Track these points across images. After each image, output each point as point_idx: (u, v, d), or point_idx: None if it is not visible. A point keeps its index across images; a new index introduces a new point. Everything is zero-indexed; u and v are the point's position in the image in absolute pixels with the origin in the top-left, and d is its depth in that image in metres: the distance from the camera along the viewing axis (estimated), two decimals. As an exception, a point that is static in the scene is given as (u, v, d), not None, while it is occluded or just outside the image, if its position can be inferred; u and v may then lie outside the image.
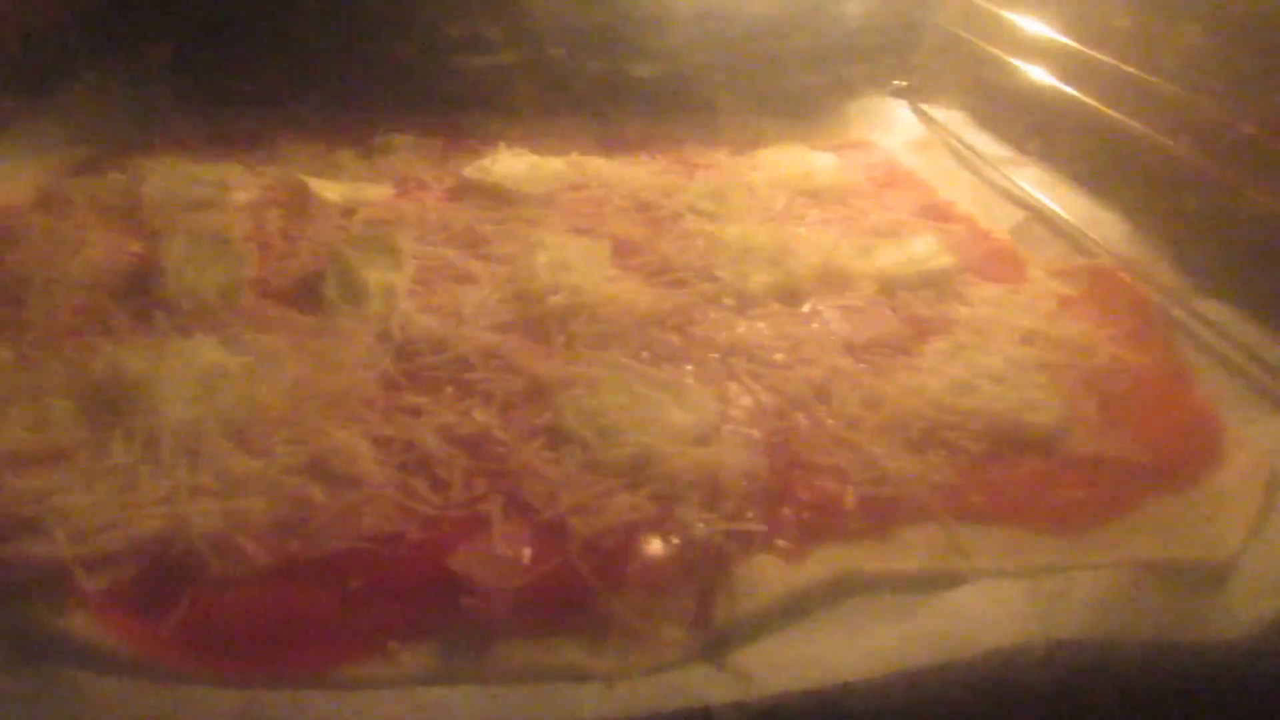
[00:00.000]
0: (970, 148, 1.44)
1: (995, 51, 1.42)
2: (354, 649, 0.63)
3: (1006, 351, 0.98)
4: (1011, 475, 0.83)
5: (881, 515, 0.77)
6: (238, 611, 0.65)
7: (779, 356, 0.96)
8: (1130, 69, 1.13)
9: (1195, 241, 1.09)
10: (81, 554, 0.65)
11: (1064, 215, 1.22)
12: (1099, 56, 1.19)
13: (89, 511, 0.68)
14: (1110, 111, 1.16)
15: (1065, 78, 1.24)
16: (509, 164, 1.30)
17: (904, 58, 1.64)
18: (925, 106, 1.57)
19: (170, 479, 0.73)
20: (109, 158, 1.28)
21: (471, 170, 1.29)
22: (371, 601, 0.66)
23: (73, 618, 0.63)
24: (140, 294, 0.97)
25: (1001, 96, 1.43)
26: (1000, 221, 1.28)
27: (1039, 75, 1.30)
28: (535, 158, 1.33)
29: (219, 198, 1.17)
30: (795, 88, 1.59)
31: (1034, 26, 1.31)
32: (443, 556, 0.69)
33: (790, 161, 1.40)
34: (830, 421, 0.87)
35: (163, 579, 0.66)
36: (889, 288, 1.09)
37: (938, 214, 1.31)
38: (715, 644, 0.66)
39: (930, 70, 1.62)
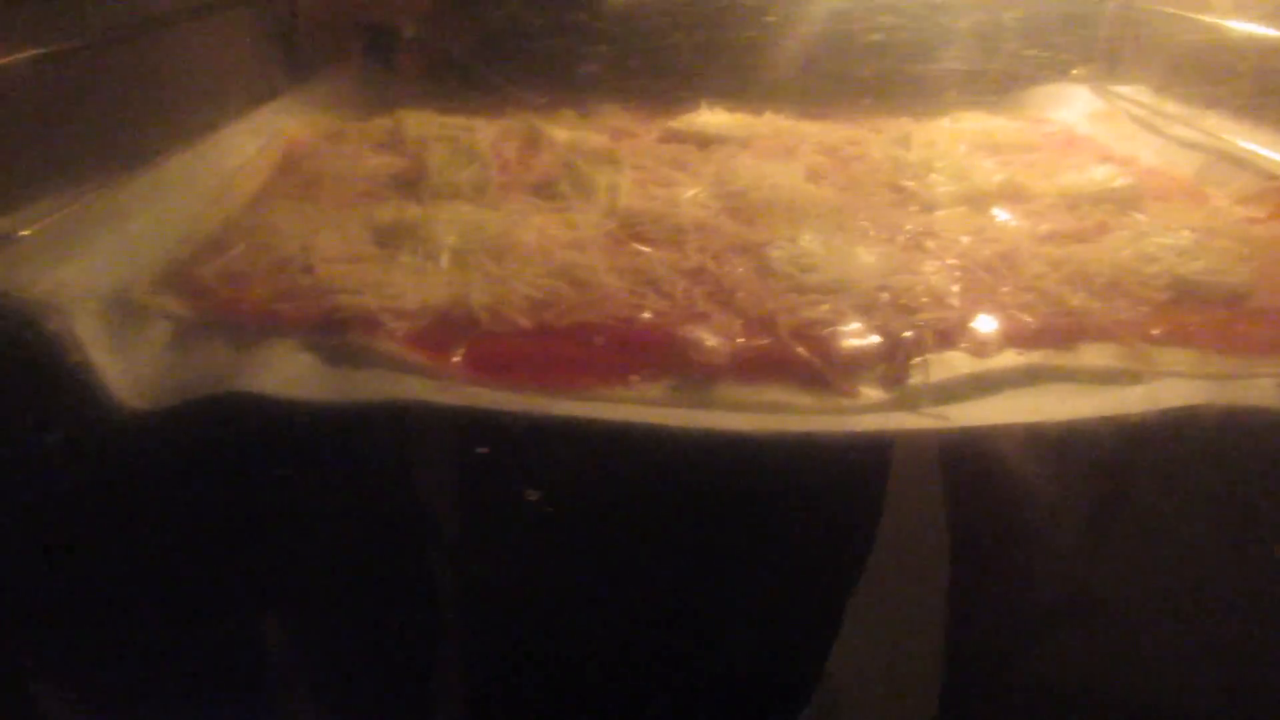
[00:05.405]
0: (1152, 108, 1.49)
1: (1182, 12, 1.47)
2: (602, 378, 0.76)
3: (1192, 237, 1.02)
4: (1193, 317, 0.88)
5: (1067, 335, 0.84)
6: (507, 351, 0.79)
7: (965, 239, 1.04)
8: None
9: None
10: (386, 307, 0.81)
11: (1250, 148, 1.25)
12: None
13: (390, 285, 0.85)
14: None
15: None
16: (709, 117, 1.46)
17: (1083, 47, 1.71)
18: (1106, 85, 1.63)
19: (447, 276, 0.88)
20: (371, 117, 1.51)
21: (676, 122, 1.45)
22: (615, 352, 0.79)
23: (382, 342, 0.78)
24: (409, 186, 1.16)
25: (1185, 61, 1.48)
26: (1183, 167, 1.33)
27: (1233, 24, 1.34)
28: (734, 113, 1.47)
29: (467, 134, 1.36)
30: (973, 74, 1.68)
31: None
32: (671, 331, 0.81)
33: (971, 122, 1.49)
34: (1015, 278, 0.95)
35: (448, 330, 0.81)
36: (1071, 201, 1.16)
37: (1118, 164, 1.37)
38: (908, 400, 0.75)
39: (1109, 54, 1.68)
